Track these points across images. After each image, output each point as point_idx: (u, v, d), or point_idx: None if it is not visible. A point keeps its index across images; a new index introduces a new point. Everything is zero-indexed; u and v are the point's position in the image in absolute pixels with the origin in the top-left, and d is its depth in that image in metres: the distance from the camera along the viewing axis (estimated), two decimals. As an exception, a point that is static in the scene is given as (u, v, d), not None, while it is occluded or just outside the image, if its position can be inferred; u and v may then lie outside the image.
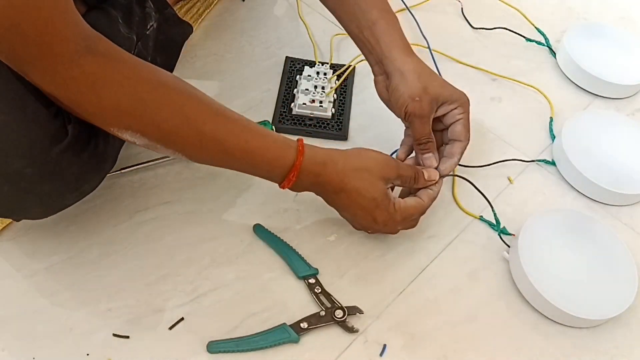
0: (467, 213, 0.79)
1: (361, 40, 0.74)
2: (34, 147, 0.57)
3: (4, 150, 0.54)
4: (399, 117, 0.75)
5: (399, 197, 0.72)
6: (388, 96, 0.74)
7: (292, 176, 0.65)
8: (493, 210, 0.76)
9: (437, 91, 0.71)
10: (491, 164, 0.81)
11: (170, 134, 0.59)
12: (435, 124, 0.74)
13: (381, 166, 0.68)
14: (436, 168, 0.73)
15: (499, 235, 0.76)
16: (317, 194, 0.70)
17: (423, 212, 0.72)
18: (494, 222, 0.77)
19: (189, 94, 0.61)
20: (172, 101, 0.59)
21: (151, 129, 0.59)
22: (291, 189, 0.67)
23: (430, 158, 0.73)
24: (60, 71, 0.53)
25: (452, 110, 0.73)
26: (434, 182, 0.72)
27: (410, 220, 0.71)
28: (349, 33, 0.76)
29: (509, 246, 0.75)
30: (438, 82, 0.73)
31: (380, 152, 0.70)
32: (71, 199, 0.65)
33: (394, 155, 0.78)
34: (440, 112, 0.73)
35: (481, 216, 0.78)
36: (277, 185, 0.67)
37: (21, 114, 0.56)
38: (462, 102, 0.73)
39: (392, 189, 0.71)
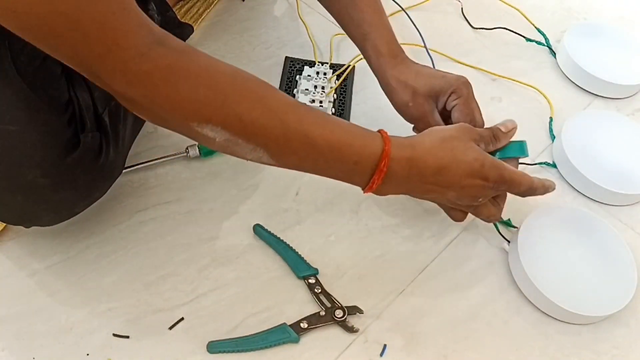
0: None
1: (361, 50, 0.76)
2: (48, 157, 0.57)
3: (18, 160, 0.53)
4: None
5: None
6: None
7: (383, 165, 0.59)
8: None
9: (427, 88, 0.71)
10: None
11: (253, 125, 0.55)
12: (444, 119, 0.73)
13: (463, 129, 0.65)
14: None
15: (505, 225, 0.76)
16: (408, 190, 0.64)
17: (529, 183, 0.66)
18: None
19: (266, 86, 0.58)
20: (251, 92, 0.56)
21: (232, 120, 0.54)
22: (378, 189, 0.61)
23: None
24: (131, 67, 0.49)
25: (447, 99, 0.72)
26: (514, 129, 0.68)
27: (516, 184, 0.66)
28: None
29: (509, 241, 0.75)
30: (425, 79, 0.72)
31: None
32: (82, 206, 0.66)
33: None
34: (440, 105, 0.72)
35: None
36: (277, 185, 0.66)
37: (34, 124, 0.55)
38: (455, 87, 0.71)
39: None
